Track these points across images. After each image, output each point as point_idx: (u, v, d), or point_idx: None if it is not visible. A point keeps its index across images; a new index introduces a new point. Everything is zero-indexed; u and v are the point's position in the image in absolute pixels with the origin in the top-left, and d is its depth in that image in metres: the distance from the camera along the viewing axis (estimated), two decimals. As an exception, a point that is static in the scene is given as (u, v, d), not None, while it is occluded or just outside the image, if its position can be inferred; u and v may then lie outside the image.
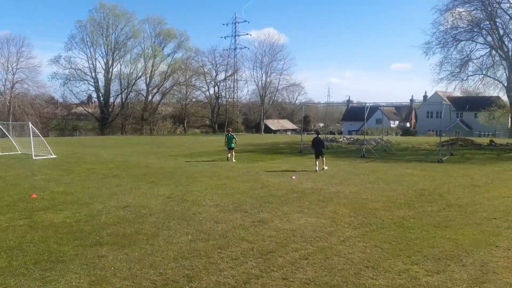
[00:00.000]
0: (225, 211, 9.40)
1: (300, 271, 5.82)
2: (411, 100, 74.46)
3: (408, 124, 77.61)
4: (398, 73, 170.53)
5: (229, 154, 20.24)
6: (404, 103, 61.22)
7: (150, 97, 69.40)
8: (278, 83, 69.19)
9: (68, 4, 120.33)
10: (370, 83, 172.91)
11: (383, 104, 42.09)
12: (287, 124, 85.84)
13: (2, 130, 26.47)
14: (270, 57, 67.13)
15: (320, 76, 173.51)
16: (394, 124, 75.50)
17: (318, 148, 16.77)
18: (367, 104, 25.84)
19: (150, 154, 23.85)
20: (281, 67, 67.20)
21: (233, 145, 20.20)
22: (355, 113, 73.30)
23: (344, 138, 36.89)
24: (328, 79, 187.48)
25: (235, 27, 74.90)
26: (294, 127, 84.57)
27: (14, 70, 57.06)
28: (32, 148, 22.03)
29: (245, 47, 73.03)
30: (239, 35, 75.04)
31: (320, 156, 16.69)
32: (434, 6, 35.87)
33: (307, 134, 50.22)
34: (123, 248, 6.74)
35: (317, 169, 16.24)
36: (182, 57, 69.31)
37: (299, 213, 9.18)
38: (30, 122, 24.34)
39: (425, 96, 72.68)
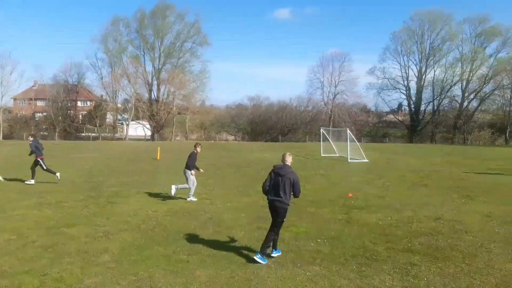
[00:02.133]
0: None
1: None
2: None
3: None
4: None
5: None
6: None
7: (465, 104, 63.61)
8: None
9: (382, 17, 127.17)
10: None
11: None
12: None
13: (325, 135, 30.97)
14: None
15: None
16: None
17: None
18: None
19: (463, 166, 21.79)
20: None
21: None
22: None
23: None
24: None
25: None
26: None
27: (336, 83, 65.71)
28: (349, 151, 24.60)
29: None
30: None
31: None
32: None
33: None
34: (436, 261, 6.41)
35: None
36: (507, 56, 59.78)
37: None
38: (348, 129, 27.28)
39: None
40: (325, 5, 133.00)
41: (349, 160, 23.65)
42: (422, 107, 67.02)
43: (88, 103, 71.92)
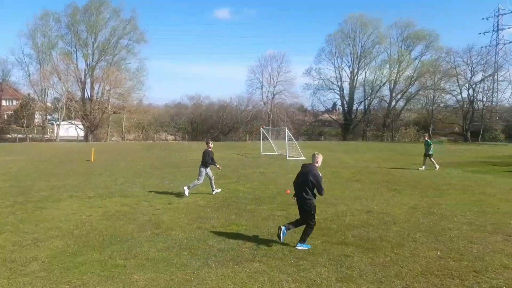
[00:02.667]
0: (482, 231, 8.16)
1: None
2: None
3: None
4: None
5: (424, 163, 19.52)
6: None
7: (393, 103, 68.11)
8: (559, 83, 55.32)
9: (319, 20, 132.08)
10: None
11: None
12: None
13: (264, 134, 31.52)
14: (547, 50, 54.39)
15: None
16: None
17: None
18: None
19: (391, 162, 23.34)
20: None
21: (430, 151, 19.40)
22: None
23: None
24: None
25: (498, 20, 64.65)
26: None
27: (275, 83, 67.10)
28: (287, 150, 25.25)
29: (510, 42, 62.06)
30: (502, 29, 64.45)
31: None
32: None
33: None
34: (368, 251, 6.80)
35: None
36: (430, 59, 64.98)
37: None
38: (286, 128, 28.00)
39: None
40: (263, 6, 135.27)
41: (287, 158, 24.27)
42: (355, 107, 70.79)
43: (14, 102, 66.60)
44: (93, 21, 58.08)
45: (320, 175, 7.01)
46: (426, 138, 20.43)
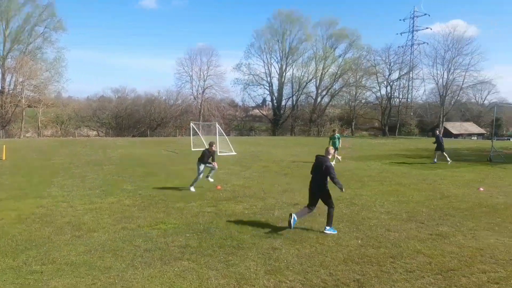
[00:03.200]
0: (398, 219, 8.82)
1: (491, 298, 5.00)
2: None
3: None
4: None
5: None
6: None
7: (319, 99, 70.98)
8: (463, 81, 61.44)
9: (248, 13, 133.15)
10: None
11: None
12: (471, 127, 75.66)
13: (195, 129, 31.10)
14: (454, 52, 60.09)
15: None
16: None
17: None
18: None
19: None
20: (467, 63, 59.30)
21: (338, 145, 19.73)
22: None
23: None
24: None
25: (413, 22, 70.24)
26: (481, 131, 74.00)
27: (205, 77, 66.32)
28: (218, 145, 25.14)
29: (423, 43, 67.81)
30: (417, 30, 70.26)
31: None
32: None
33: (497, 139, 43.19)
34: (295, 243, 7.01)
35: None
36: (352, 57, 68.74)
37: (488, 231, 7.92)
38: (216, 123, 27.86)
39: None
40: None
41: (218, 154, 24.16)
42: (283, 102, 72.63)
43: None
44: (5, 6, 52.77)
45: (332, 165, 7.97)
46: (336, 133, 20.49)
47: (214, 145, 12.88)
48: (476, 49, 59.05)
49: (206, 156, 12.42)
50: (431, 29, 72.96)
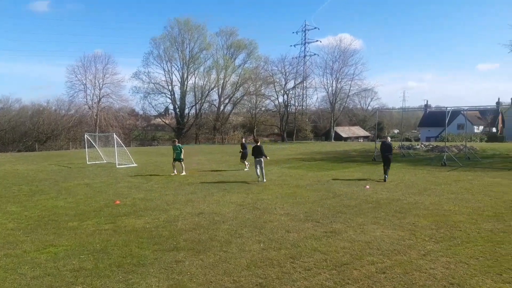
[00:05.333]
0: (296, 220, 9.30)
1: (377, 285, 5.53)
2: (497, 103, 68.48)
3: (494, 129, 71.21)
4: (484, 75, 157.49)
5: (176, 168, 18.83)
6: (489, 107, 55.95)
7: (222, 107, 71.68)
8: (349, 89, 67.54)
9: (148, 21, 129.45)
10: (451, 86, 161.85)
11: (465, 108, 38.92)
12: (358, 131, 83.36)
13: (90, 141, 29.02)
14: (341, 63, 65.77)
15: (396, 80, 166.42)
16: (478, 129, 69.79)
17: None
18: (448, 108, 24.12)
19: (222, 163, 24.52)
20: (353, 73, 65.44)
21: (182, 156, 18.80)
22: (433, 119, 68.95)
23: (422, 145, 34.81)
24: (404, 83, 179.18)
25: (305, 34, 75.04)
26: (366, 134, 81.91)
27: (101, 85, 62.32)
28: (116, 157, 23.83)
29: (314, 54, 72.77)
30: (309, 42, 75.07)
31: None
32: None
33: (380, 141, 48.25)
34: (199, 254, 6.94)
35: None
36: (251, 67, 70.89)
37: (375, 225, 8.78)
38: (114, 133, 26.36)
39: (513, 98, 66.42)
40: (88, 3, 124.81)
41: (117, 166, 22.91)
42: (186, 111, 71.72)
43: None
44: None
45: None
46: (177, 143, 19.31)
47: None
48: (359, 60, 65.45)
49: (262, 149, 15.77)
50: (320, 41, 78.90)
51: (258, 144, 16.40)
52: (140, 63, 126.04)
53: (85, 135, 29.83)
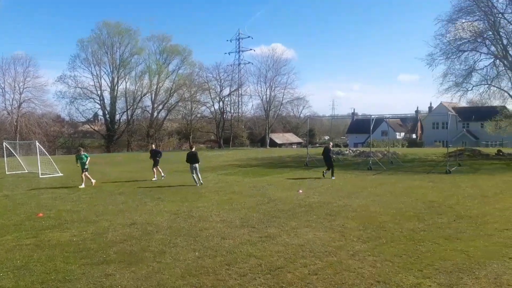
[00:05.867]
0: (232, 226, 9.32)
1: (310, 287, 5.72)
2: (417, 111, 74.50)
3: (414, 136, 77.29)
4: (406, 85, 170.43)
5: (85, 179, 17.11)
6: (409, 115, 60.96)
7: (155, 114, 69.79)
8: (283, 97, 68.93)
9: (73, 23, 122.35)
10: (377, 96, 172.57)
11: (388, 116, 42.09)
12: (292, 137, 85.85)
13: (9, 149, 26.70)
14: (274, 72, 67.02)
15: (326, 89, 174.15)
16: (400, 135, 75.24)
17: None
18: (372, 116, 25.81)
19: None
20: (285, 81, 67.05)
21: (87, 166, 17.28)
22: (360, 126, 73.18)
23: (350, 151, 36.75)
24: (334, 92, 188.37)
25: (239, 43, 75.78)
26: (299, 140, 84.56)
27: (21, 89, 57.59)
28: (39, 166, 22.14)
29: (249, 62, 73.63)
30: (243, 51, 75.81)
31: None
32: (437, 17, 35.42)
33: (312, 147, 50.11)
34: (130, 266, 6.68)
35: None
36: (185, 73, 70.00)
37: (307, 228, 9.08)
38: (37, 141, 24.50)
39: (430, 107, 72.84)
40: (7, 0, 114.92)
41: (40, 176, 21.31)
42: (117, 117, 68.70)
43: None
44: None
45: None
46: (82, 152, 17.74)
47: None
48: (292, 69, 67.39)
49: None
50: (254, 50, 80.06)
51: (193, 150, 16.86)
52: (65, 66, 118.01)
53: (4, 143, 27.39)
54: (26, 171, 24.30)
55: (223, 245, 7.83)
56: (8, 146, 26.72)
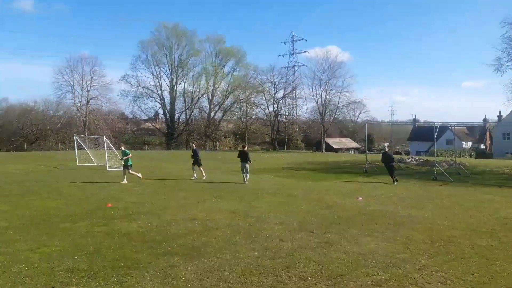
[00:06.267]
0: (290, 229, 9.28)
1: (373, 297, 5.54)
2: (485, 119, 69.63)
3: (482, 146, 72.33)
4: (469, 92, 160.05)
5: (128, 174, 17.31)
6: (476, 123, 56.78)
7: (212, 114, 71.46)
8: (338, 101, 67.40)
9: (135, 25, 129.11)
10: (438, 102, 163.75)
11: (453, 123, 39.48)
12: (349, 142, 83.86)
13: (80, 143, 28.73)
14: (329, 74, 65.67)
15: (384, 93, 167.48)
16: (466, 145, 70.79)
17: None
18: (436, 123, 24.44)
19: (214, 169, 24.44)
20: (341, 85, 65.50)
21: (130, 162, 17.41)
22: (422, 133, 69.79)
23: (413, 159, 35.16)
24: (392, 97, 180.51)
25: (293, 45, 75.53)
26: (357, 145, 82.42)
27: (89, 87, 61.63)
28: (107, 160, 23.60)
29: (303, 65, 73.05)
30: (297, 53, 75.50)
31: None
32: (503, 19, 32.32)
33: (370, 153, 48.61)
34: (193, 259, 6.89)
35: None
36: (240, 74, 70.85)
37: (369, 237, 8.81)
38: (104, 136, 26.13)
39: (499, 116, 67.24)
40: (75, 3, 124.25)
41: (108, 169, 22.70)
42: (177, 116, 71.30)
43: None
44: None
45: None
46: (123, 148, 18.54)
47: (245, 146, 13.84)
48: (347, 72, 65.59)
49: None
50: (308, 52, 78.90)
51: (245, 149, 18.33)
52: (127, 66, 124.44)
53: (75, 137, 29.55)
54: (95, 164, 25.98)
55: (282, 247, 7.83)
56: (78, 140, 28.78)
